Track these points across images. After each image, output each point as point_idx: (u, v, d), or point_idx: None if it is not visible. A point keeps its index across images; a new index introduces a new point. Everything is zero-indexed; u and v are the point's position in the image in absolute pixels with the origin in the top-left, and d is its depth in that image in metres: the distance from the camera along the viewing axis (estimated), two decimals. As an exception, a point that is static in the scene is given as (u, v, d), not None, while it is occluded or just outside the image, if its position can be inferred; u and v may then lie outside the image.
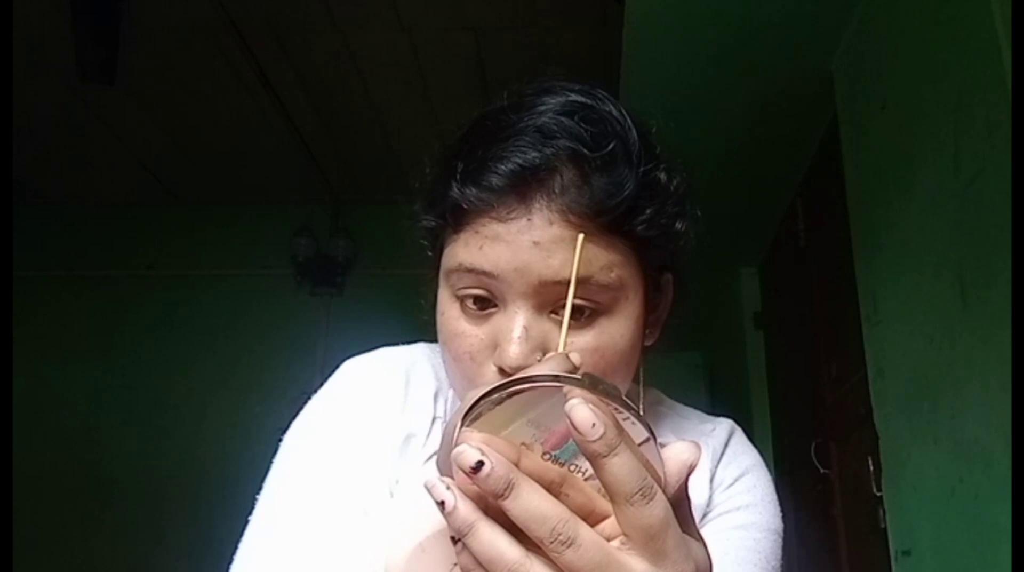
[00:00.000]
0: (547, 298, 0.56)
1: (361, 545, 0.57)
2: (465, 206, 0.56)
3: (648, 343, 0.64)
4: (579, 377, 0.37)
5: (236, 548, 0.62)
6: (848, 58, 2.19)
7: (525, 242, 0.55)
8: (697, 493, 0.66)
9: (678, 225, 0.60)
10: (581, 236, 0.53)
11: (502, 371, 0.56)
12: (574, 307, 0.55)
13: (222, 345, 3.74)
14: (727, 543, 0.64)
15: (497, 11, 2.74)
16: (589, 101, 0.59)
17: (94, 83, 2.91)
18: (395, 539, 0.47)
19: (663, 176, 0.60)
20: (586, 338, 0.56)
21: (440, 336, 0.61)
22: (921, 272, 1.73)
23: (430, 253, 0.64)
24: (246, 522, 0.62)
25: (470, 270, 0.56)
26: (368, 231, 3.83)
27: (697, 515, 0.66)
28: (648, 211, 0.57)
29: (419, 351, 0.71)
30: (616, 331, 0.57)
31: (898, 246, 1.87)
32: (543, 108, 0.58)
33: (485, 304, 0.58)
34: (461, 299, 0.58)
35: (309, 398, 0.68)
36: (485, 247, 0.56)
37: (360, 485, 0.61)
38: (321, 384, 0.69)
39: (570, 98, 0.59)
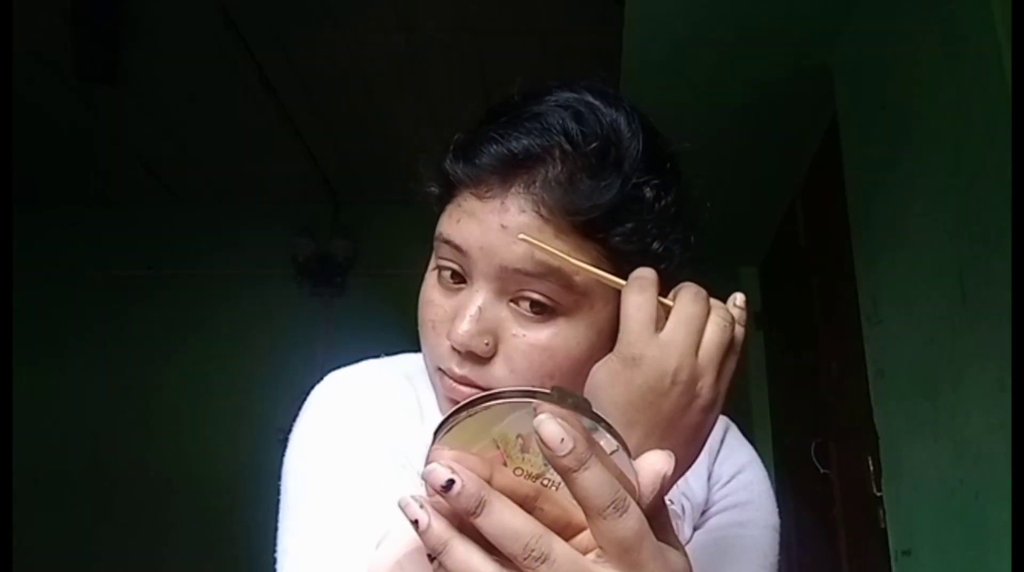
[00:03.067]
0: (507, 285, 0.56)
1: None
2: (452, 179, 0.58)
3: None
4: (548, 391, 0.37)
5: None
6: (848, 58, 2.19)
7: (494, 223, 0.55)
8: (696, 491, 0.66)
9: (656, 245, 0.58)
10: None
11: (453, 348, 0.57)
12: (533, 301, 0.56)
13: (222, 345, 3.75)
14: (725, 540, 0.65)
15: (497, 11, 2.74)
16: (597, 102, 0.59)
17: (94, 83, 2.91)
18: (373, 557, 0.47)
19: (650, 192, 0.58)
20: (539, 334, 0.56)
21: (419, 301, 0.62)
22: (921, 272, 1.73)
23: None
24: (274, 560, 0.60)
25: (446, 241, 0.58)
26: (368, 231, 3.83)
27: (696, 513, 0.66)
28: (628, 224, 0.56)
29: (403, 365, 0.69)
30: (572, 336, 0.56)
31: (898, 246, 1.87)
32: (549, 99, 0.58)
33: (458, 279, 0.58)
34: (440, 269, 0.59)
35: (306, 397, 0.67)
36: (462, 221, 0.57)
37: (382, 506, 0.59)
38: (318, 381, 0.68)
39: (579, 96, 0.59)
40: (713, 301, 0.52)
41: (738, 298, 0.53)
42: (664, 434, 0.49)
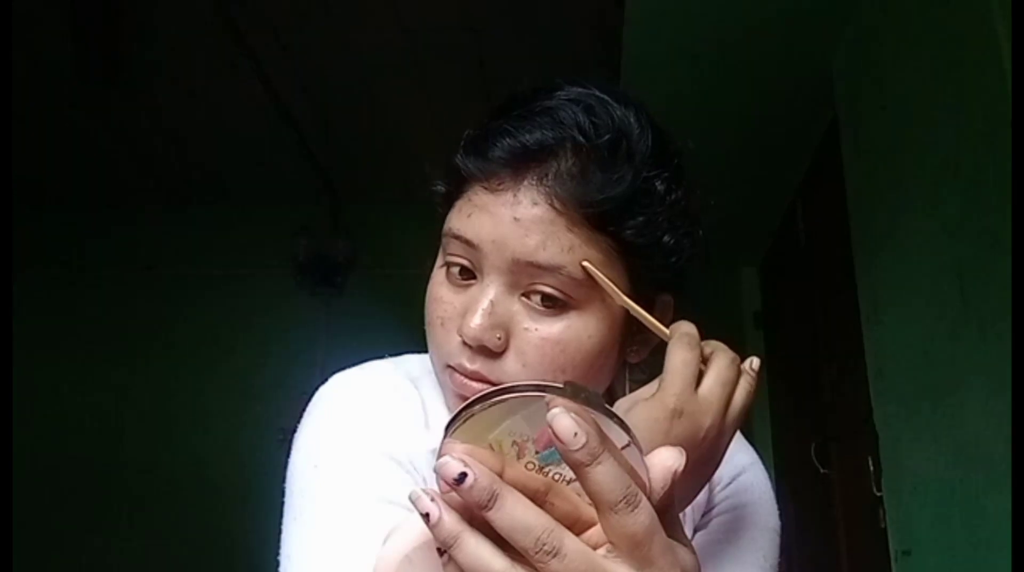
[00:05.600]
0: (520, 278, 0.56)
1: None
2: (464, 173, 0.58)
3: (633, 361, 0.63)
4: (561, 385, 0.37)
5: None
6: (848, 58, 2.19)
7: (506, 216, 0.55)
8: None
9: (667, 238, 0.59)
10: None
11: (464, 343, 0.56)
12: (545, 294, 0.56)
13: (222, 345, 3.75)
14: (725, 542, 0.64)
15: (497, 11, 2.74)
16: (607, 98, 0.59)
17: (94, 83, 2.91)
18: (381, 551, 0.47)
19: (661, 186, 0.58)
20: (551, 328, 0.56)
21: (425, 300, 0.62)
22: (921, 272, 1.73)
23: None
24: (276, 563, 0.59)
25: (456, 237, 0.58)
26: (368, 231, 3.83)
27: (697, 514, 0.66)
28: (640, 218, 0.57)
29: (407, 367, 0.69)
30: (584, 329, 0.57)
31: (898, 246, 1.87)
32: (560, 94, 0.59)
33: (468, 275, 0.58)
34: (448, 266, 0.59)
35: (309, 399, 0.66)
36: (473, 216, 0.57)
37: (386, 511, 0.57)
38: (321, 383, 0.66)
39: (589, 91, 0.59)
40: (742, 366, 0.57)
41: (754, 362, 0.58)
42: (683, 480, 0.50)
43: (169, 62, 3.02)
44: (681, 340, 0.54)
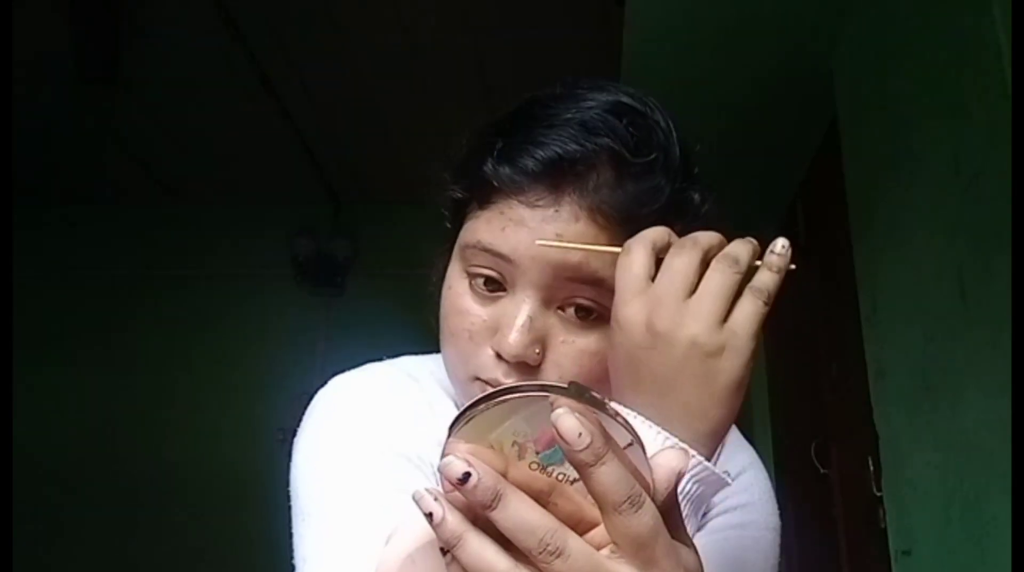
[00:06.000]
0: (557, 293, 0.56)
1: None
2: (496, 184, 0.56)
3: None
4: (565, 386, 0.37)
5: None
6: (848, 57, 2.19)
7: (548, 232, 0.54)
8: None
9: None
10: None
11: (498, 356, 0.56)
12: (580, 306, 0.56)
13: (222, 345, 3.75)
14: (725, 542, 0.64)
15: (497, 11, 2.74)
16: (639, 106, 0.58)
17: (94, 83, 2.91)
18: (384, 551, 0.47)
19: (696, 196, 0.58)
20: (587, 340, 0.56)
21: (441, 310, 0.60)
22: (921, 272, 1.73)
23: (449, 225, 0.63)
24: (291, 568, 0.58)
25: (487, 250, 0.56)
26: (368, 231, 3.84)
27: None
28: (677, 228, 0.56)
29: (406, 367, 0.68)
30: None
31: (898, 246, 1.87)
32: (592, 103, 0.57)
33: (495, 286, 0.57)
34: (471, 277, 0.58)
35: (309, 399, 0.66)
36: (507, 229, 0.55)
37: (399, 507, 0.57)
38: (321, 385, 0.66)
39: (621, 99, 0.58)
40: (729, 246, 0.50)
41: (778, 245, 0.51)
42: (664, 391, 0.47)
43: (169, 62, 3.02)
44: (622, 251, 0.49)
